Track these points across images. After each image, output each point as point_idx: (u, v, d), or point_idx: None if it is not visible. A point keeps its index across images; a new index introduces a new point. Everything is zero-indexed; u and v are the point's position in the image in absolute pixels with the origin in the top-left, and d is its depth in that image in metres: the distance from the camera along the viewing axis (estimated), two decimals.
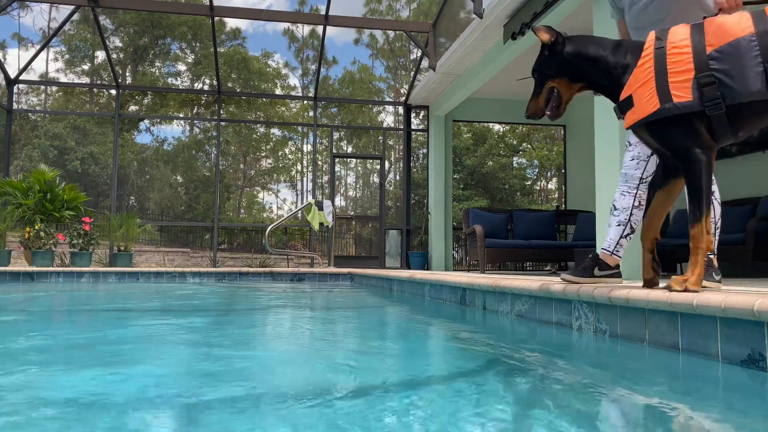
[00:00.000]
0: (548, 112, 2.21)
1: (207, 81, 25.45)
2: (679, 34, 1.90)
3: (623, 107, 2.01)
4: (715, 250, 2.52)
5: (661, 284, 2.25)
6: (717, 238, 2.52)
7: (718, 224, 2.50)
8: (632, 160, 2.72)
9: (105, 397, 1.32)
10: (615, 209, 2.74)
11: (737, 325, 1.66)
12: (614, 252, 2.70)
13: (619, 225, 2.71)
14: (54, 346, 2.14)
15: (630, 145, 2.74)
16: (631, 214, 2.70)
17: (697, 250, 1.94)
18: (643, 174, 2.69)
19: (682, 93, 1.82)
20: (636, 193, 2.70)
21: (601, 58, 2.08)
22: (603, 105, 4.87)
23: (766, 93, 1.75)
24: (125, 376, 1.57)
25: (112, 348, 2.07)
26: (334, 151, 13.29)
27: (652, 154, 2.65)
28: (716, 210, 2.49)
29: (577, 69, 2.13)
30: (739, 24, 1.81)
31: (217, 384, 1.49)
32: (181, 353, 2.04)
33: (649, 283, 2.30)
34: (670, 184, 2.17)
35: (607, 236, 2.75)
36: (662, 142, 1.96)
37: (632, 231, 2.70)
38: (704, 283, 2.34)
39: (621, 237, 2.70)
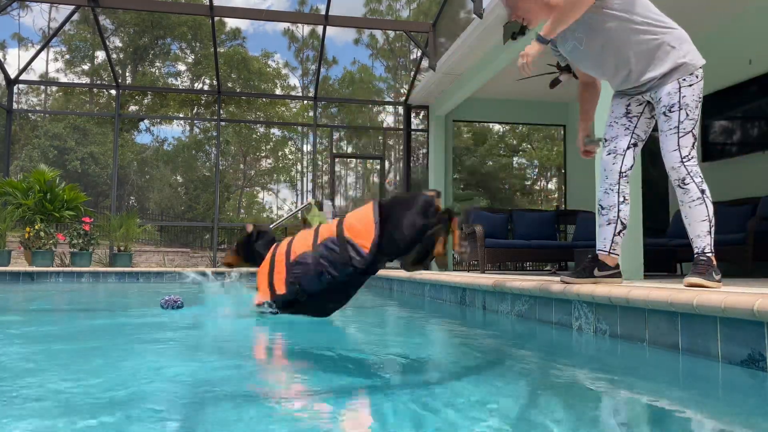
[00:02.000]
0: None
1: (207, 81, 25.46)
2: (282, 246, 2.76)
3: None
4: (712, 249, 2.50)
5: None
6: (712, 237, 2.51)
7: (713, 222, 2.48)
8: (609, 154, 2.73)
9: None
10: (602, 208, 2.75)
11: (737, 325, 1.66)
12: (611, 251, 2.70)
13: (609, 224, 2.71)
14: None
15: (606, 141, 2.76)
16: (618, 210, 2.70)
17: None
18: (621, 168, 2.70)
19: (281, 288, 2.69)
20: (618, 189, 2.71)
21: None
22: (601, 104, 4.86)
23: (326, 287, 2.59)
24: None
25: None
26: (334, 151, 13.29)
27: (628, 148, 2.69)
28: (709, 209, 2.48)
29: None
30: (305, 241, 2.68)
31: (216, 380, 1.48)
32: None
33: None
34: None
35: (600, 237, 2.75)
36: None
37: (624, 227, 2.71)
38: (704, 282, 2.33)
39: (614, 235, 2.70)
